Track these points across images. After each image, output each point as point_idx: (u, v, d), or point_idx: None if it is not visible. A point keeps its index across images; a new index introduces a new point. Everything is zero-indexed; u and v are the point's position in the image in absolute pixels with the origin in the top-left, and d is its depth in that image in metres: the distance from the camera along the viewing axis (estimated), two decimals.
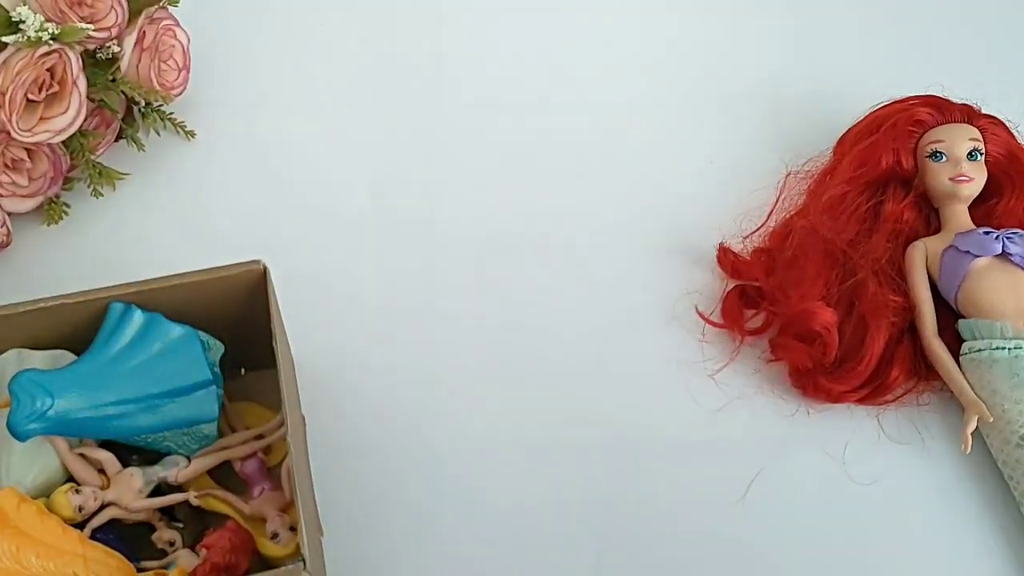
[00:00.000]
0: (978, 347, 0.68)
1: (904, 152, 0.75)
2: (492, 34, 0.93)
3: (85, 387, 0.57)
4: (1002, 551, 0.64)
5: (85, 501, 0.56)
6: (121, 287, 0.58)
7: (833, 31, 0.94)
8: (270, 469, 0.62)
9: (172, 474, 0.59)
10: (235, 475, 0.62)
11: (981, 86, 0.78)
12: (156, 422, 0.58)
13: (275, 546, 0.58)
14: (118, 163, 0.80)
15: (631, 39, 0.93)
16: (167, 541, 0.58)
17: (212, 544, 0.55)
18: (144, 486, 0.58)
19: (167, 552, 0.58)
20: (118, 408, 0.57)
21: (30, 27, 0.67)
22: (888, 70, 0.89)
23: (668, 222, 0.79)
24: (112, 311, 0.58)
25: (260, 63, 0.90)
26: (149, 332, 0.58)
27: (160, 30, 0.79)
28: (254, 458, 0.62)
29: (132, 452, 0.60)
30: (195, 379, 0.59)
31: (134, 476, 0.58)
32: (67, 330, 0.59)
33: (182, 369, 0.59)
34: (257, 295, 0.59)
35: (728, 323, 0.73)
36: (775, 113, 0.87)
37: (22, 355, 0.59)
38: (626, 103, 0.88)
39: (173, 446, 0.59)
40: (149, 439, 0.59)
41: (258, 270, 0.59)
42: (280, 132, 0.85)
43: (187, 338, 0.59)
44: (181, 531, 0.59)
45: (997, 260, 0.69)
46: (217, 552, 0.55)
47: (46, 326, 0.58)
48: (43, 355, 0.59)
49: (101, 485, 0.57)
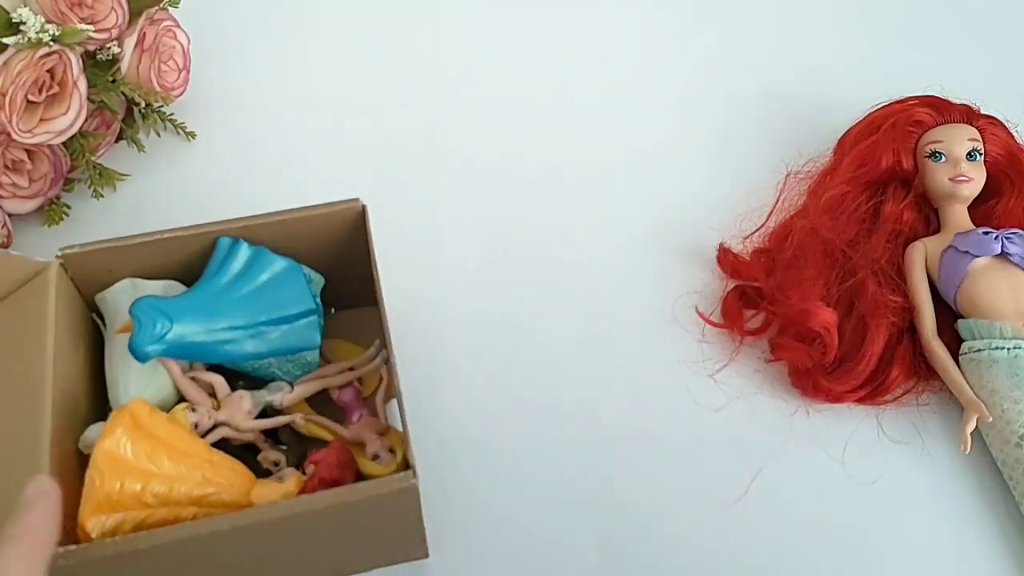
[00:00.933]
0: (977, 347, 0.68)
1: (904, 152, 0.75)
2: (492, 35, 0.93)
3: (199, 313, 0.60)
4: (1001, 551, 0.64)
5: (200, 419, 0.59)
6: (227, 222, 0.62)
7: (833, 32, 0.94)
8: (365, 399, 0.65)
9: (278, 398, 0.62)
10: (332, 405, 0.64)
11: (980, 86, 0.78)
12: (263, 348, 0.61)
13: (377, 466, 0.60)
14: (118, 164, 0.80)
15: (631, 39, 0.93)
16: (272, 461, 0.61)
17: (320, 460, 0.57)
18: (253, 408, 0.61)
19: (271, 472, 0.61)
20: (229, 334, 0.60)
21: (31, 28, 0.67)
22: (888, 70, 0.89)
23: (668, 222, 0.79)
24: (220, 245, 0.62)
25: (259, 64, 0.90)
26: (256, 264, 0.62)
27: (160, 31, 0.79)
28: (350, 387, 0.64)
29: (238, 378, 0.63)
30: (299, 308, 0.62)
31: (243, 398, 0.61)
32: (176, 262, 0.62)
33: (287, 299, 0.62)
34: (354, 233, 0.63)
35: (728, 323, 0.73)
36: (775, 113, 0.87)
37: (136, 284, 0.62)
38: (626, 103, 0.88)
39: (278, 372, 0.63)
40: (256, 365, 0.62)
41: (357, 208, 0.62)
42: (280, 133, 0.85)
43: (291, 270, 0.63)
44: (285, 452, 0.62)
45: (996, 260, 0.69)
46: (325, 467, 0.57)
47: (157, 258, 0.62)
48: (155, 284, 0.62)
49: (212, 406, 0.60)
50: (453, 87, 0.89)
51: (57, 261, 0.60)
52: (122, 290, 0.62)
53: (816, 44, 0.93)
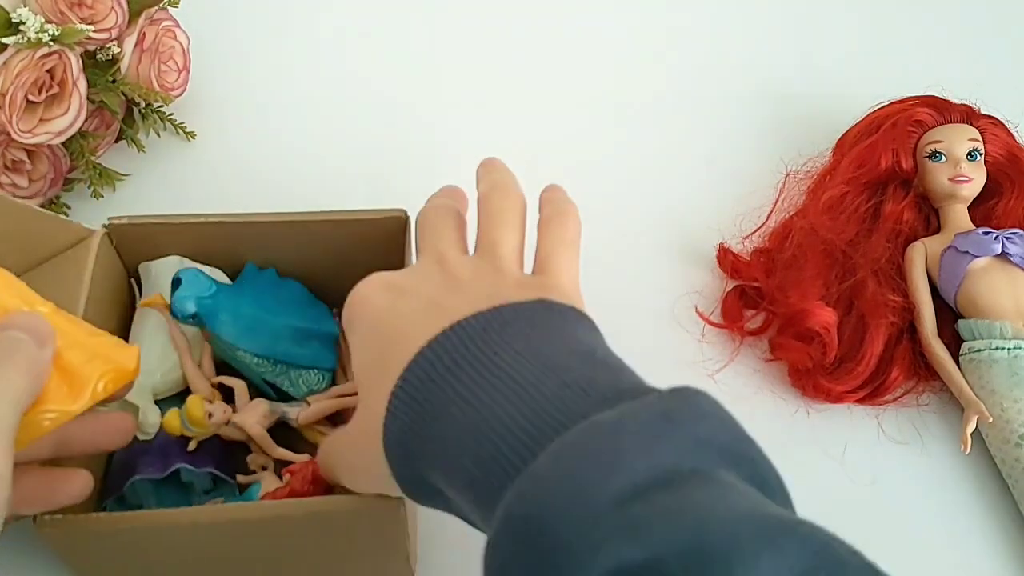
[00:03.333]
0: (977, 347, 0.68)
1: (903, 152, 0.75)
2: (492, 34, 0.93)
3: (234, 294, 0.61)
4: (1002, 551, 0.64)
5: (215, 411, 0.59)
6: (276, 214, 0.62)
7: (833, 31, 0.94)
8: None
9: (295, 413, 0.62)
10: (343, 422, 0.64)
11: (981, 86, 0.78)
12: (284, 352, 0.61)
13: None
14: (118, 164, 0.80)
15: (630, 38, 0.93)
16: (260, 464, 0.61)
17: (295, 471, 0.57)
18: (268, 414, 0.61)
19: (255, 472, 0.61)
20: (257, 323, 0.61)
21: (30, 28, 0.67)
22: (888, 70, 0.89)
23: (667, 222, 0.79)
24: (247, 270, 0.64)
25: (260, 64, 0.90)
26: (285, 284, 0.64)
27: (160, 31, 0.79)
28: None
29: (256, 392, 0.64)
30: (323, 328, 0.63)
31: (261, 403, 0.61)
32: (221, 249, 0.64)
33: (314, 314, 0.64)
34: (391, 243, 0.63)
35: (728, 323, 0.73)
36: (775, 113, 0.87)
37: (184, 262, 0.63)
38: (624, 103, 0.88)
39: (286, 382, 0.62)
40: (271, 369, 0.62)
41: (401, 218, 0.62)
42: (280, 133, 0.84)
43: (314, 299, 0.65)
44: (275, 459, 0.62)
45: (996, 260, 0.69)
46: (298, 480, 0.56)
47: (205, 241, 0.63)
48: (202, 267, 0.63)
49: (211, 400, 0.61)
50: (454, 88, 0.89)
51: (103, 230, 0.61)
52: (167, 264, 0.63)
53: (816, 44, 0.93)
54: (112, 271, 0.62)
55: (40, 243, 0.60)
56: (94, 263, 0.59)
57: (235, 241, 0.63)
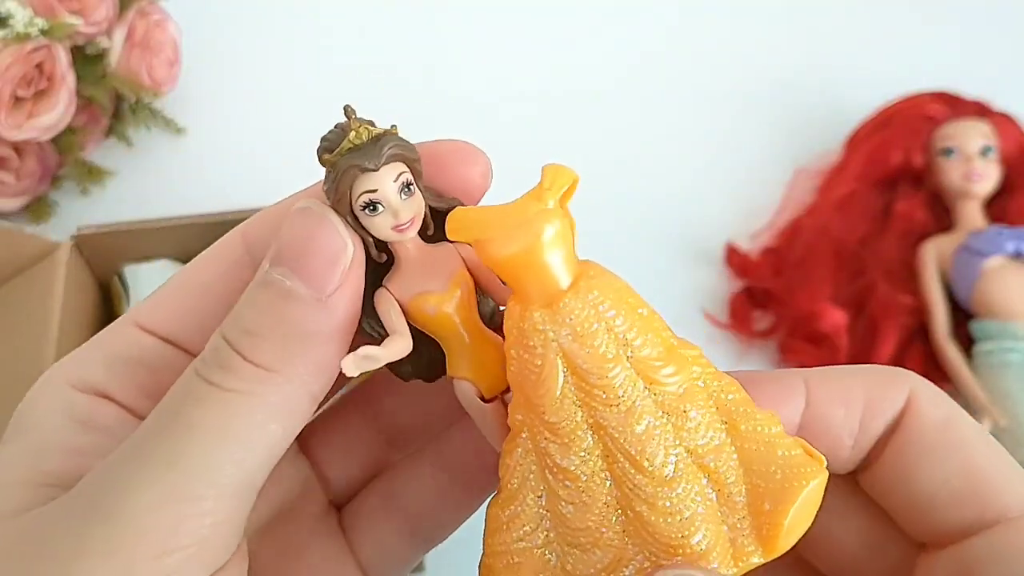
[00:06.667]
0: (990, 349, 0.67)
1: (915, 149, 0.74)
2: (491, 32, 0.92)
3: None
4: None
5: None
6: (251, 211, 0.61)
7: (844, 27, 0.93)
8: None
9: None
10: None
11: (993, 83, 0.78)
12: None
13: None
14: (107, 160, 0.79)
15: (639, 36, 0.92)
16: None
17: None
18: None
19: None
20: None
21: (18, 22, 0.66)
22: (899, 66, 0.88)
23: (675, 221, 0.78)
24: None
25: (250, 58, 0.88)
26: None
27: (150, 24, 0.77)
28: None
29: None
30: None
31: None
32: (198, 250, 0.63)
33: None
34: None
35: (736, 324, 0.72)
36: (784, 110, 0.86)
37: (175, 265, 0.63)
38: (633, 100, 0.87)
39: None
40: None
41: None
42: (271, 128, 0.83)
43: None
44: None
45: (1011, 259, 0.68)
46: None
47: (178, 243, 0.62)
48: None
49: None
50: (449, 85, 0.87)
51: (70, 241, 0.59)
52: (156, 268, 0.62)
53: (826, 40, 0.92)
54: (83, 285, 0.60)
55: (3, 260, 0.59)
56: (66, 278, 0.57)
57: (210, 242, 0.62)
